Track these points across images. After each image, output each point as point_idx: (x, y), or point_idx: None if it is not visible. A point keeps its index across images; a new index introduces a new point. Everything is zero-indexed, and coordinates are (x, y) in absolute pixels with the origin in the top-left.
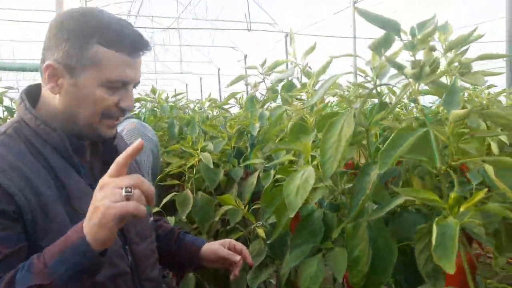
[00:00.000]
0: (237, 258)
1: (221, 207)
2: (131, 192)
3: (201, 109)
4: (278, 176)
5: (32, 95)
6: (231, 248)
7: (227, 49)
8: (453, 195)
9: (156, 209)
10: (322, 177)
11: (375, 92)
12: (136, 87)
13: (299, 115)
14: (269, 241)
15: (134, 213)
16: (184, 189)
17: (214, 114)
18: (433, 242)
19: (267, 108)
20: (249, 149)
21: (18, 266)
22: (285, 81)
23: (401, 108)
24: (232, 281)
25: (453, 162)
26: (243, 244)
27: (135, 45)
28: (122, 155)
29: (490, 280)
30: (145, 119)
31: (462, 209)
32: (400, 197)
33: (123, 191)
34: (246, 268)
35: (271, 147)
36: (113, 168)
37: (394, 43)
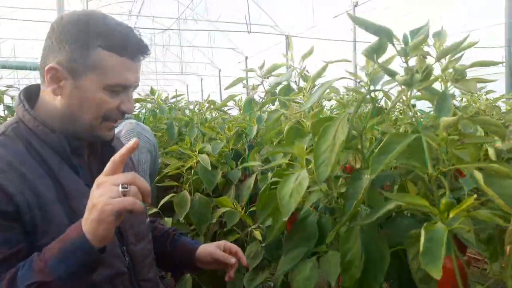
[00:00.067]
0: (232, 260)
1: (218, 209)
2: (127, 188)
3: (200, 110)
4: (274, 179)
5: (30, 95)
6: (226, 250)
7: (228, 50)
8: (444, 201)
9: (154, 209)
10: (316, 181)
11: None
12: (134, 90)
13: (296, 118)
14: (263, 244)
15: (131, 208)
16: (182, 190)
17: (213, 116)
18: (421, 247)
19: (265, 111)
20: (247, 151)
21: (19, 265)
22: (283, 84)
23: (400, 113)
24: (227, 282)
25: (444, 169)
26: (240, 246)
27: (137, 50)
28: (117, 154)
29: (485, 284)
30: (145, 120)
31: (451, 215)
32: (391, 203)
33: (120, 187)
34: (242, 270)
35: (268, 149)
36: (109, 166)
37: (388, 49)
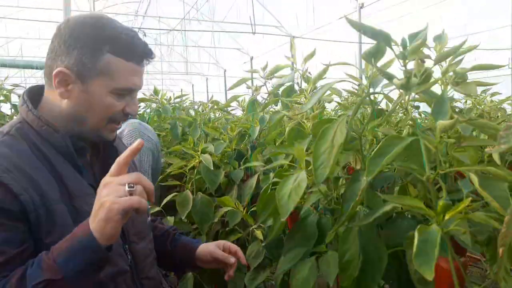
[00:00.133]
0: (232, 259)
1: (220, 208)
2: (133, 187)
3: (203, 111)
4: (275, 179)
5: (33, 96)
6: (226, 249)
7: (234, 50)
8: (441, 203)
9: (157, 208)
10: (314, 182)
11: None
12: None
13: (297, 120)
14: (264, 243)
15: (137, 206)
16: (185, 190)
17: (217, 116)
18: (414, 249)
19: (268, 111)
20: (249, 152)
21: (28, 263)
22: (286, 85)
23: (405, 114)
24: (228, 281)
25: (441, 171)
26: (242, 245)
27: (143, 55)
28: (122, 155)
29: (481, 285)
30: (149, 119)
31: (447, 217)
32: (389, 204)
33: (126, 186)
34: (244, 270)
35: (270, 150)
36: (114, 167)
37: (390, 52)
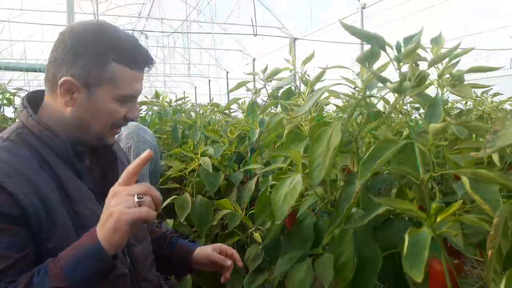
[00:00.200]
0: (229, 262)
1: (220, 211)
2: (142, 198)
3: (204, 113)
4: (273, 182)
5: (33, 101)
6: (222, 252)
7: (236, 52)
8: (434, 205)
9: None
10: (310, 185)
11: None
12: None
13: (295, 122)
14: (261, 246)
15: (146, 218)
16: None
17: (217, 119)
18: (404, 250)
19: (268, 113)
20: (249, 154)
21: (34, 270)
22: (285, 88)
23: (406, 116)
24: (227, 284)
25: (434, 174)
26: (241, 248)
27: (145, 63)
28: (132, 165)
29: (475, 286)
30: (150, 122)
31: (438, 219)
32: (382, 207)
33: (135, 197)
34: (242, 272)
35: (269, 153)
36: (124, 177)
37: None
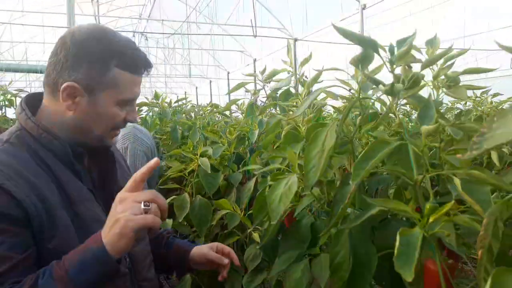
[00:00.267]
0: (226, 261)
1: (219, 211)
2: (149, 206)
3: (203, 114)
4: (271, 182)
5: (31, 104)
6: (219, 251)
7: (237, 53)
8: (427, 206)
9: None
10: (305, 186)
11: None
12: None
13: (292, 124)
14: (258, 246)
15: (151, 225)
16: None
17: (217, 120)
18: (395, 251)
19: (268, 114)
20: (248, 155)
21: (38, 272)
22: (283, 89)
23: (406, 116)
24: (226, 283)
25: (427, 174)
26: (240, 248)
27: (144, 67)
28: (139, 172)
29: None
30: (151, 123)
31: (431, 220)
32: (375, 207)
33: (142, 205)
34: (241, 272)
35: (268, 154)
36: (131, 183)
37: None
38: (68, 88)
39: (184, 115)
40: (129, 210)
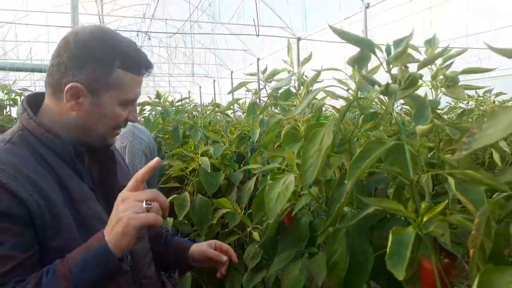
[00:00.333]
0: (224, 258)
1: (219, 210)
2: (151, 204)
3: (204, 114)
4: (270, 181)
5: (33, 103)
6: (217, 248)
7: (240, 52)
8: (423, 205)
9: None
10: (303, 184)
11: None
12: None
13: (291, 123)
14: (257, 245)
15: (153, 223)
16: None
17: (218, 119)
18: (388, 250)
19: (269, 114)
20: (250, 154)
21: (42, 270)
22: (283, 88)
23: (409, 115)
24: (226, 282)
25: (423, 174)
26: (240, 247)
27: (146, 68)
28: (140, 172)
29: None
30: (154, 122)
31: (425, 219)
32: (370, 207)
33: (144, 203)
34: (241, 270)
35: (268, 153)
36: (132, 183)
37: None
38: (72, 89)
39: (186, 114)
40: (131, 209)
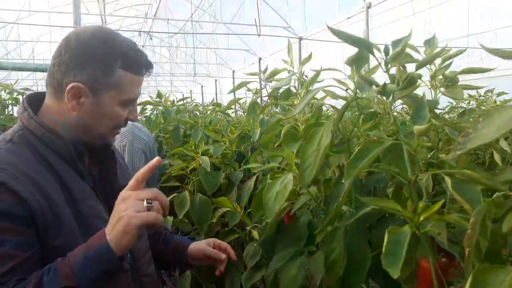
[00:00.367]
0: (223, 256)
1: (219, 209)
2: (151, 203)
3: (205, 113)
4: (270, 180)
5: (33, 103)
6: (216, 246)
7: (242, 51)
8: (420, 205)
9: None
10: (301, 184)
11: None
12: None
13: (291, 123)
14: (256, 244)
15: (154, 222)
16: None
17: (219, 118)
18: (383, 249)
19: (270, 113)
20: (250, 153)
21: (43, 269)
22: (283, 88)
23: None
24: (225, 280)
25: (420, 174)
26: (240, 245)
27: (146, 68)
28: (140, 171)
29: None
30: (155, 122)
31: (422, 218)
32: (368, 206)
33: (145, 202)
34: (240, 269)
35: (268, 152)
36: (133, 182)
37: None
38: (74, 89)
39: (187, 114)
40: (132, 208)
